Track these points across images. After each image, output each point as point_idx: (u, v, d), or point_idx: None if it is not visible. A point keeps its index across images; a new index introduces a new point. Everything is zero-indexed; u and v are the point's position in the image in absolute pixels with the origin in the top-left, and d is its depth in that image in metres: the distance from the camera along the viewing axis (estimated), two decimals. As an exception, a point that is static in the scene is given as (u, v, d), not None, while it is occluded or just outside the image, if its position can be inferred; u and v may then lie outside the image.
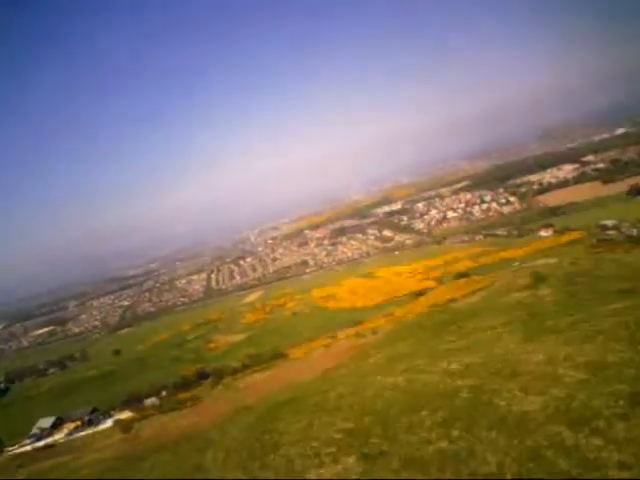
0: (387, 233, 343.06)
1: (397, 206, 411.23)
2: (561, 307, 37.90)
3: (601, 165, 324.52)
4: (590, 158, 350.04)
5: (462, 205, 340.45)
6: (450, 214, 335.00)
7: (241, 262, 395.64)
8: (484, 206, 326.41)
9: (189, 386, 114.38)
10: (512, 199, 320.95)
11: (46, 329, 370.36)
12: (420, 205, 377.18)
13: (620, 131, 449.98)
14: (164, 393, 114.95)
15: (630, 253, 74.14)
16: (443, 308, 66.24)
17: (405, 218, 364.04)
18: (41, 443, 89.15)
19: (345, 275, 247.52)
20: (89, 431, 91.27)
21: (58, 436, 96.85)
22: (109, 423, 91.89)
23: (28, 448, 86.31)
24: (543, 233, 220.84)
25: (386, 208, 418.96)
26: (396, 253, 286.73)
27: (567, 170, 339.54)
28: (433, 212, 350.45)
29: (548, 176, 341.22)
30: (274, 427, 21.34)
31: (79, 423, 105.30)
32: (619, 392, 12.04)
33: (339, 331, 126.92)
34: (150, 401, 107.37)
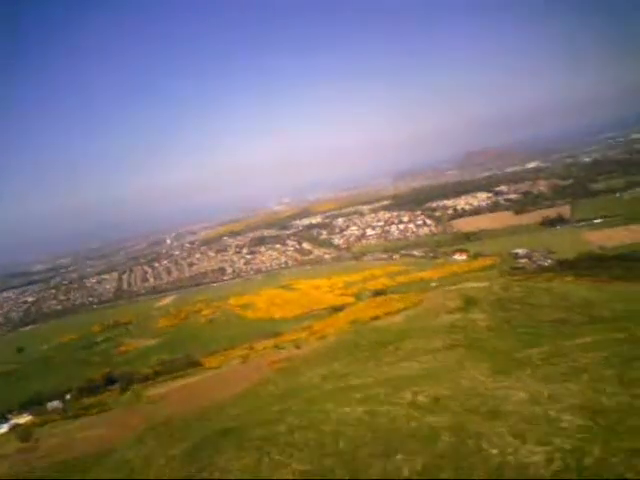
0: (306, 246, 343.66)
1: (317, 220, 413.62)
2: (497, 333, 38.45)
3: (513, 196, 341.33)
4: (503, 188, 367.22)
5: (381, 224, 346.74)
6: (369, 231, 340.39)
7: (156, 264, 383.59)
8: (402, 226, 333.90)
9: (96, 391, 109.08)
10: (429, 222, 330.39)
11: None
12: (340, 220, 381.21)
13: (532, 165, 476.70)
14: (68, 397, 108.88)
15: (557, 282, 76.36)
16: (371, 326, 66.00)
17: (325, 232, 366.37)
18: None
19: (263, 285, 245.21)
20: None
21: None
22: (5, 428, 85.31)
23: None
24: (457, 257, 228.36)
25: (306, 221, 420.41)
26: (315, 266, 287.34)
27: (481, 198, 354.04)
28: (353, 228, 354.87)
29: (463, 202, 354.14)
30: (213, 462, 19.08)
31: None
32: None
33: (257, 342, 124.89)
34: (53, 405, 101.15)
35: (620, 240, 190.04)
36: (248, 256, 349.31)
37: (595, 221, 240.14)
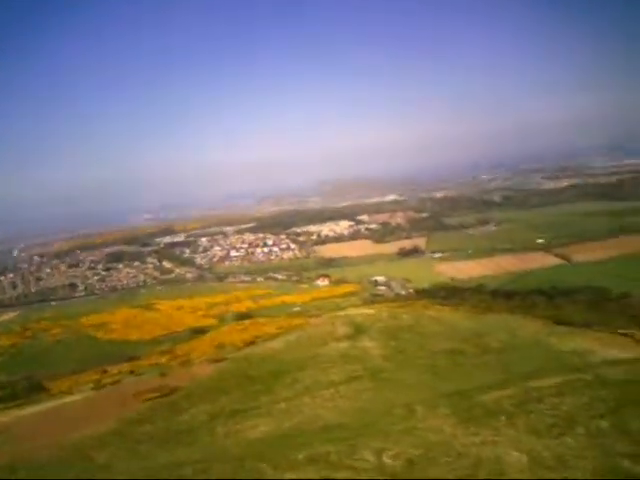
0: (167, 264, 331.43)
1: (180, 238, 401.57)
2: (395, 363, 38.38)
3: (373, 225, 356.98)
4: (364, 218, 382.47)
5: (245, 245, 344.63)
6: (233, 253, 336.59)
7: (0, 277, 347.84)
8: (266, 249, 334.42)
9: None
10: (293, 246, 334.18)
11: None
12: (204, 240, 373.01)
13: (390, 197, 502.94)
14: None
15: (446, 311, 78.32)
16: (251, 353, 63.34)
17: (187, 251, 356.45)
18: None
19: (119, 303, 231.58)
20: None
21: None
22: None
23: None
24: (320, 282, 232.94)
25: (168, 239, 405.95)
26: (176, 286, 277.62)
27: (344, 226, 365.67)
28: (217, 248, 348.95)
29: (326, 229, 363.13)
30: None
31: None
32: None
33: (110, 365, 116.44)
34: None
35: (468, 273, 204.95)
36: (103, 272, 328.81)
37: (446, 254, 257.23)
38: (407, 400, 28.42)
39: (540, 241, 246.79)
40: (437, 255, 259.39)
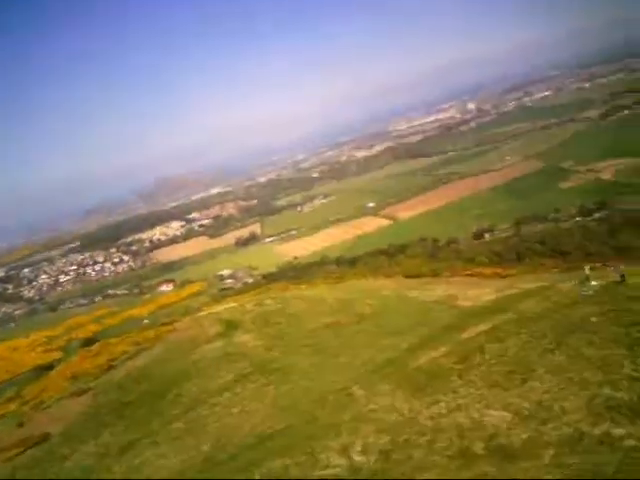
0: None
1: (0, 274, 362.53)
2: (280, 351, 37.71)
3: (205, 221, 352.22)
4: (195, 215, 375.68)
5: (74, 267, 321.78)
6: (63, 277, 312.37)
7: None
8: (98, 267, 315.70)
9: None
10: (126, 257, 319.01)
11: None
12: (27, 271, 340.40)
13: (215, 190, 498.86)
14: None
15: (305, 287, 77.45)
16: (113, 376, 58.52)
17: (10, 286, 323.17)
18: None
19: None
20: None
21: None
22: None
23: None
24: (164, 288, 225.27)
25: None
26: (6, 326, 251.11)
27: (175, 227, 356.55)
28: (43, 277, 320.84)
29: (158, 233, 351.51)
30: None
31: None
32: None
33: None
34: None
35: (308, 249, 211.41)
36: None
37: (283, 235, 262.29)
38: (326, 386, 27.16)
39: (371, 205, 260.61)
40: (274, 238, 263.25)
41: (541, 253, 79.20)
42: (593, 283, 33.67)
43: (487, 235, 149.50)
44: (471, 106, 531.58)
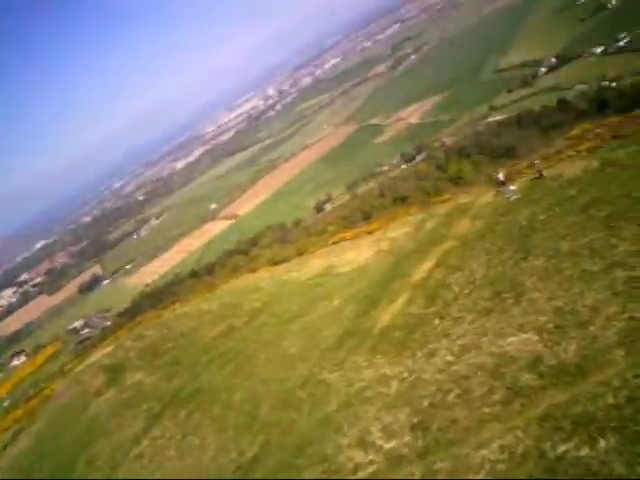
0: None
1: None
2: (187, 380, 33.63)
3: (39, 279, 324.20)
4: (25, 277, 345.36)
5: None
6: None
7: None
8: None
9: None
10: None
11: None
12: None
13: (40, 244, 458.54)
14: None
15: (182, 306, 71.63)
16: None
17: None
18: None
19: None
20: None
21: None
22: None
23: None
24: (16, 362, 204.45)
25: None
26: None
27: (8, 295, 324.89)
28: None
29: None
30: None
31: None
32: None
33: None
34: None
35: (159, 272, 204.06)
36: None
37: (128, 266, 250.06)
38: (281, 384, 23.82)
39: (214, 206, 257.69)
40: (120, 272, 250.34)
41: (385, 206, 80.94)
42: (512, 188, 33.38)
43: (328, 205, 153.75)
44: (271, 91, 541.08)
